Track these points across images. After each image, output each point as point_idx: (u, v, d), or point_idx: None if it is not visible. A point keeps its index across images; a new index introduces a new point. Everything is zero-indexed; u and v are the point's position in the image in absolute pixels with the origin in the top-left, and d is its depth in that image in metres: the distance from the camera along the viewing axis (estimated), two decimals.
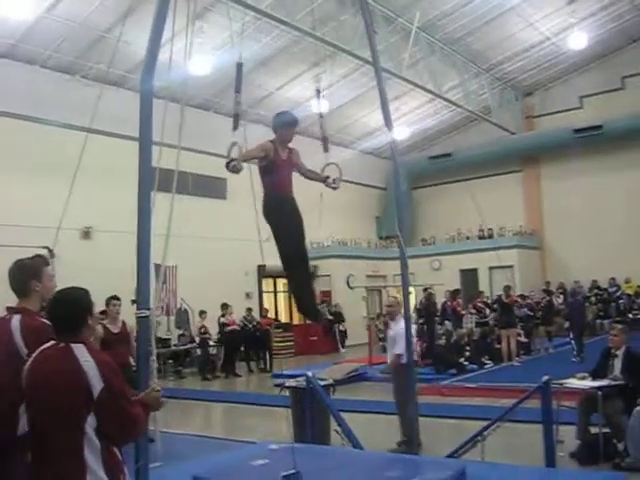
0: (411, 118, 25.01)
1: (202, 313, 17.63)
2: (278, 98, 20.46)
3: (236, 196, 19.74)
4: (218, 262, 19.49)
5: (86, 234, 17.14)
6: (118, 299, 7.86)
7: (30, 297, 3.64)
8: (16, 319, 3.51)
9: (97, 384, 2.77)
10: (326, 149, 6.09)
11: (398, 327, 8.05)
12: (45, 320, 3.36)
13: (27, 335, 3.38)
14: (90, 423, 2.76)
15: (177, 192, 4.42)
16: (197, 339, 17.70)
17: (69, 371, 2.79)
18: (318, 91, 6.09)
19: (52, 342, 2.96)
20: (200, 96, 19.60)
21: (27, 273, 3.71)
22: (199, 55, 15.78)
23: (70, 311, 2.99)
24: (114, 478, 2.82)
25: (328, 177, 5.73)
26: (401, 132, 25.24)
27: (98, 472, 2.75)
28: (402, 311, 7.75)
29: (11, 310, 3.63)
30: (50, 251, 8.53)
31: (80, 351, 2.85)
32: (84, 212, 14.64)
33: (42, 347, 2.95)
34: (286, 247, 5.27)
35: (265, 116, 21.28)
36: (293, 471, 3.35)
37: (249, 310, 18.92)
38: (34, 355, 2.96)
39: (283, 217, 5.26)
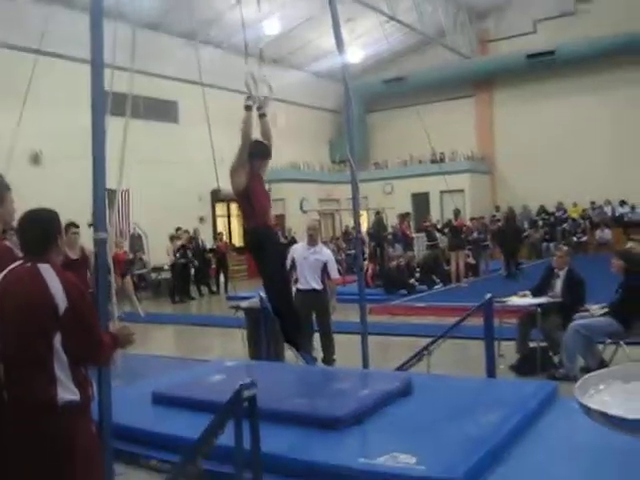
0: (365, 40, 24.69)
1: (173, 238, 17.60)
2: (229, 19, 19.97)
3: (189, 120, 19.50)
4: (171, 187, 19.37)
5: (35, 159, 16.79)
6: (77, 226, 7.86)
7: None
8: None
9: (62, 303, 2.86)
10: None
11: (325, 252, 8.14)
12: (8, 243, 3.44)
13: None
14: (58, 339, 2.87)
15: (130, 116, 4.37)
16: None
17: (36, 290, 2.88)
18: (261, 51, 5.97)
19: (19, 262, 3.04)
20: (149, 15, 18.99)
21: None
22: None
23: (40, 232, 3.05)
24: (83, 390, 2.97)
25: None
26: (355, 55, 24.98)
27: (67, 384, 2.88)
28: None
29: None
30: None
31: (47, 271, 2.93)
32: (33, 136, 14.30)
33: (8, 267, 3.02)
34: (272, 284, 5.42)
35: (215, 37, 20.88)
36: (249, 380, 3.55)
37: (193, 233, 18.89)
38: (0, 275, 3.03)
39: (269, 255, 5.33)
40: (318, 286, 7.87)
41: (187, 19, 18.24)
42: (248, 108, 5.27)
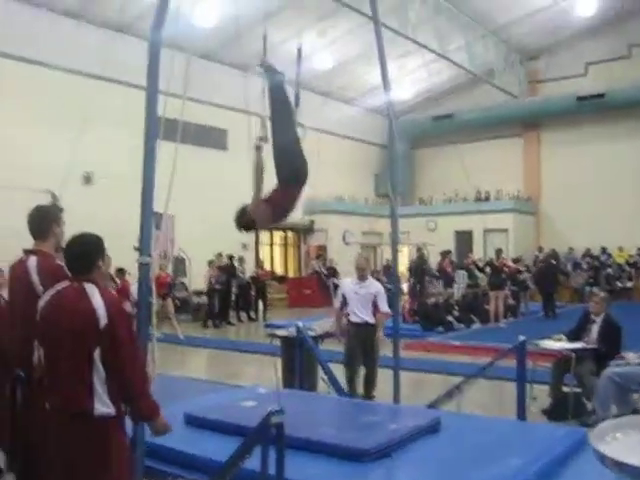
0: (415, 77, 24.95)
1: (210, 262, 17.90)
2: (282, 51, 20.37)
3: (236, 147, 19.88)
4: (217, 212, 19.58)
5: (87, 179, 17.30)
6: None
7: (48, 240, 3.95)
8: (33, 260, 3.82)
9: (102, 319, 3.07)
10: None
11: (375, 285, 8.17)
12: (59, 262, 3.67)
13: (43, 275, 3.69)
14: (97, 353, 3.06)
15: (180, 141, 4.47)
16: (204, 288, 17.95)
17: (80, 306, 3.10)
18: (299, 50, 6.01)
19: (67, 281, 3.27)
20: (205, 46, 19.56)
21: (50, 217, 4.02)
22: (205, 4, 15.80)
23: (84, 254, 3.29)
24: (118, 405, 3.15)
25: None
26: (405, 91, 25.29)
27: (104, 398, 3.07)
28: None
29: (28, 252, 3.93)
30: (54, 195, 8.81)
31: (91, 289, 3.16)
32: (86, 157, 14.78)
33: (57, 286, 3.26)
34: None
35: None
36: (277, 408, 3.66)
37: (240, 260, 19.18)
38: (49, 292, 3.26)
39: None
40: (370, 319, 7.87)
41: (241, 51, 18.77)
42: (258, 149, 5.22)
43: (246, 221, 5.36)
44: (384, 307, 7.95)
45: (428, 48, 20.50)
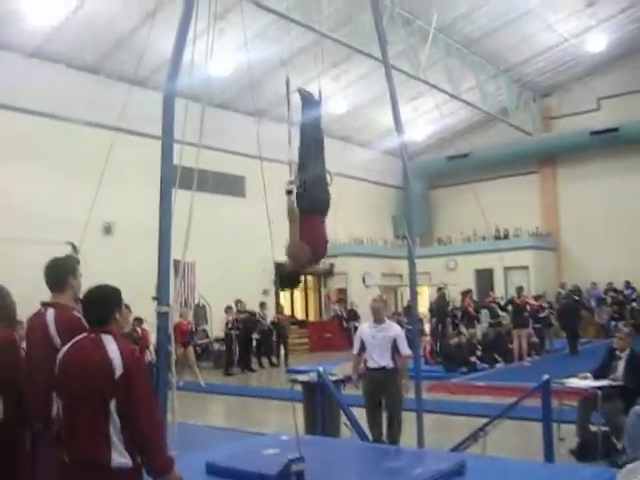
0: (429, 118, 25.15)
1: (228, 309, 17.94)
2: (296, 98, 20.67)
3: (255, 194, 20.03)
4: (236, 259, 19.82)
5: (107, 230, 17.52)
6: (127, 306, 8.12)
7: (65, 292, 3.97)
8: (50, 312, 3.85)
9: (118, 369, 3.09)
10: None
11: (394, 327, 7.97)
12: (77, 314, 3.70)
13: (61, 327, 3.72)
14: (113, 404, 3.07)
15: (197, 189, 4.46)
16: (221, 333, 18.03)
17: (96, 357, 3.13)
18: (319, 93, 6.07)
19: (85, 334, 3.31)
20: (220, 95, 19.93)
21: (66, 269, 4.05)
22: (220, 55, 16.11)
23: (101, 305, 3.34)
24: (133, 455, 3.13)
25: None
26: (419, 132, 25.48)
27: (120, 448, 3.07)
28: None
29: (46, 305, 3.96)
30: (74, 247, 8.90)
31: (108, 340, 3.20)
32: (106, 208, 14.94)
33: (75, 338, 3.29)
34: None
35: (285, 115, 21.58)
36: (298, 455, 3.62)
37: (261, 305, 19.21)
38: (68, 345, 3.30)
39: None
40: (389, 364, 7.62)
41: (256, 98, 19.14)
42: (289, 193, 5.16)
43: (290, 276, 5.35)
44: (405, 350, 7.73)
45: (440, 89, 20.70)
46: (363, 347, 7.86)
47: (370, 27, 16.53)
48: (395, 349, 7.69)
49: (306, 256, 5.12)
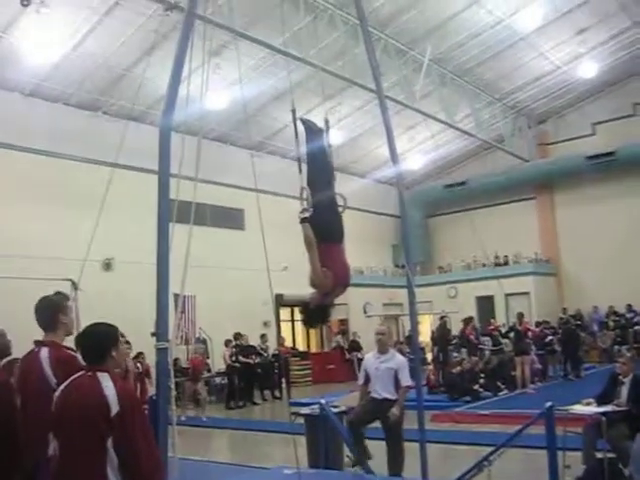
0: (425, 147, 25.34)
1: (228, 342, 17.87)
2: (291, 131, 20.84)
3: (254, 226, 20.04)
4: (236, 291, 19.76)
5: (107, 266, 17.51)
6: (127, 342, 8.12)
7: (57, 330, 3.99)
8: (45, 351, 3.85)
9: (114, 407, 3.06)
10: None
11: (398, 359, 7.83)
12: (71, 352, 3.69)
13: (55, 366, 3.72)
14: (110, 442, 3.04)
15: (196, 223, 4.55)
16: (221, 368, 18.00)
17: (92, 395, 3.11)
18: (326, 121, 6.11)
19: (81, 372, 3.29)
20: (217, 129, 20.09)
21: (54, 308, 4.06)
22: (216, 90, 16.29)
23: (98, 344, 3.32)
24: None
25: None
26: (416, 161, 25.64)
27: None
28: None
29: (39, 343, 3.96)
30: (74, 283, 8.90)
31: (104, 378, 3.18)
32: (105, 244, 14.98)
33: (71, 377, 3.28)
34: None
35: (281, 148, 21.74)
36: None
37: (262, 337, 19.13)
38: (64, 384, 3.28)
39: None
40: (391, 396, 7.52)
41: (252, 132, 19.29)
42: (304, 220, 5.11)
43: (319, 311, 5.32)
44: (405, 380, 7.59)
45: (436, 118, 20.86)
46: (368, 378, 7.80)
47: (364, 59, 16.82)
48: (397, 380, 7.59)
49: (330, 283, 5.07)
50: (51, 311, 4.05)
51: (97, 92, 17.49)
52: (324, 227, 5.16)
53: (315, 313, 5.38)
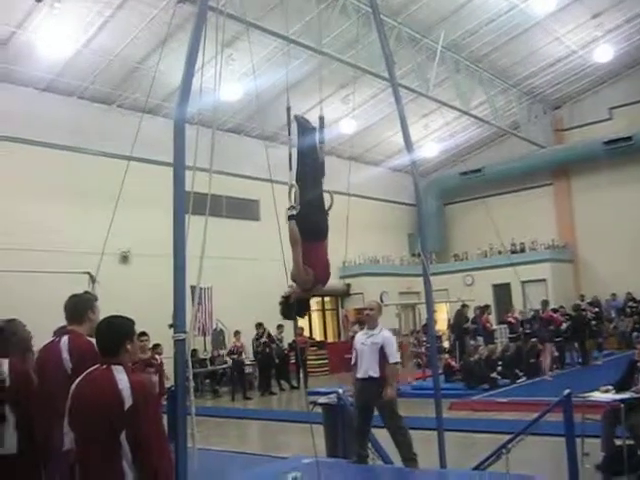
0: (441, 135, 25.24)
1: (237, 333, 17.96)
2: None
3: (270, 217, 20.08)
4: (253, 282, 19.80)
5: (124, 258, 17.63)
6: (146, 334, 8.15)
7: (83, 324, 4.11)
8: (65, 339, 4.00)
9: (127, 400, 3.08)
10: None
11: (383, 334, 7.47)
12: (90, 339, 3.75)
13: (73, 351, 3.85)
14: (124, 436, 3.06)
15: (211, 215, 4.53)
16: (229, 359, 18.03)
17: (106, 388, 3.13)
18: (321, 118, 6.15)
19: (96, 365, 3.31)
20: (231, 120, 20.11)
21: (85, 304, 4.20)
22: (229, 81, 16.30)
23: (112, 337, 3.34)
24: None
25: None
26: (431, 149, 25.52)
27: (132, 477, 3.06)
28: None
29: (60, 332, 4.05)
30: (91, 276, 8.97)
31: (118, 371, 3.20)
32: (122, 237, 15.07)
33: (87, 370, 3.30)
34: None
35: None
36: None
37: (279, 327, 19.17)
38: (80, 377, 3.30)
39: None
40: (374, 374, 7.16)
41: (265, 123, 19.30)
42: (291, 218, 5.17)
43: (298, 303, 5.44)
44: (392, 357, 7.28)
45: (451, 106, 20.74)
46: (357, 357, 7.53)
47: (377, 47, 16.75)
48: (383, 357, 7.25)
49: (311, 280, 5.21)
50: (82, 306, 4.19)
51: (111, 86, 17.56)
52: (310, 226, 5.23)
53: (294, 306, 5.48)
